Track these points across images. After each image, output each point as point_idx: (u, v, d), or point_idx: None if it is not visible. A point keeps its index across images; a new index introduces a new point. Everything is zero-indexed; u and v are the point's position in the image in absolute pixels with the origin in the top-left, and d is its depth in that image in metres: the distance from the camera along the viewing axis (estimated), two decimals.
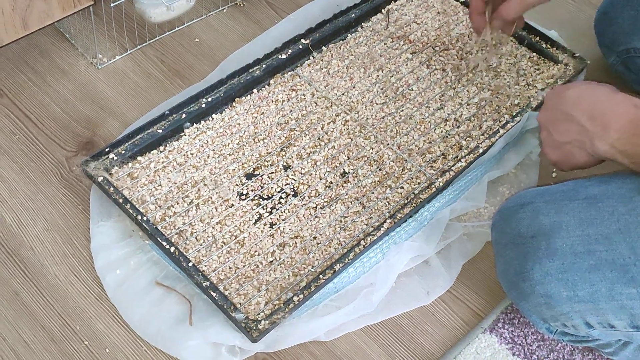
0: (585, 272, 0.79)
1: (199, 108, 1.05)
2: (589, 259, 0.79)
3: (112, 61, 1.17)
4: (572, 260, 0.79)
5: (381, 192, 1.00)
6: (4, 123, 1.08)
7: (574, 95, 0.84)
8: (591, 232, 0.79)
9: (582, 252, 0.79)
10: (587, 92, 0.84)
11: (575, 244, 0.80)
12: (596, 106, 0.82)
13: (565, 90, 0.86)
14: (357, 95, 1.11)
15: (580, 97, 0.84)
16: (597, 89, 0.84)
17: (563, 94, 0.86)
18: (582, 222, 0.80)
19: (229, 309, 0.85)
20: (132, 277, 0.92)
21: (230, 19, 1.26)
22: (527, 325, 0.94)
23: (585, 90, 0.84)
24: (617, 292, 0.78)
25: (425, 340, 0.92)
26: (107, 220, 0.96)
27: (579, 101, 0.83)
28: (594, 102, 0.82)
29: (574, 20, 1.30)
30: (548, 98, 0.89)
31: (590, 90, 0.84)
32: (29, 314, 0.90)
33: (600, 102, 0.81)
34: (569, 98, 0.84)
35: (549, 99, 0.89)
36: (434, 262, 0.96)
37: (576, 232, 0.80)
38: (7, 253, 0.95)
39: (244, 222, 0.96)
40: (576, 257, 0.79)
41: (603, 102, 0.81)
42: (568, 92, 0.85)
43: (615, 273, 0.78)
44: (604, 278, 0.78)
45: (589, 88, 0.84)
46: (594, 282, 0.79)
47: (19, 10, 1.00)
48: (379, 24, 1.21)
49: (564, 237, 0.80)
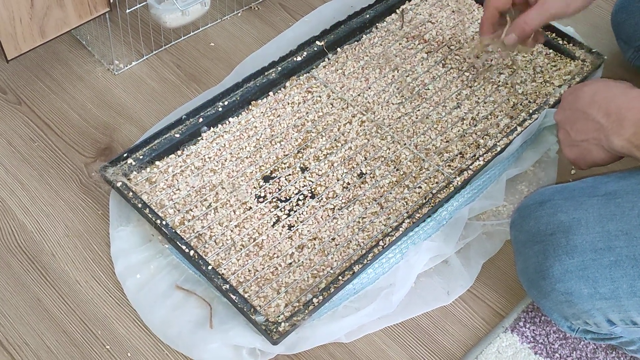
0: (605, 268, 0.78)
1: (215, 112, 1.05)
2: (609, 255, 0.78)
3: (128, 67, 1.18)
4: (592, 257, 0.79)
5: (399, 192, 1.00)
6: (23, 131, 1.09)
7: (589, 93, 0.84)
8: (611, 228, 0.79)
9: (602, 249, 0.79)
10: (603, 89, 0.83)
11: (595, 241, 0.79)
12: (611, 102, 0.81)
13: (581, 88, 0.85)
14: (373, 95, 1.11)
15: (595, 95, 0.83)
16: (612, 86, 0.83)
17: (579, 93, 0.85)
18: (602, 218, 0.79)
19: (249, 311, 0.85)
20: (152, 281, 0.92)
21: (245, 23, 1.26)
22: (549, 324, 0.93)
23: (600, 87, 0.84)
24: (638, 288, 0.78)
25: (446, 341, 0.92)
26: (126, 225, 0.96)
27: (595, 98, 0.83)
28: (609, 99, 0.82)
29: (591, 16, 1.29)
30: (564, 97, 0.89)
31: (606, 87, 0.83)
32: (51, 320, 0.91)
33: (616, 98, 0.81)
34: (584, 96, 0.84)
35: (565, 98, 0.88)
36: (453, 261, 0.96)
37: (596, 229, 0.79)
38: (29, 259, 0.96)
39: (262, 224, 0.96)
40: (596, 254, 0.79)
41: (618, 98, 0.81)
42: (583, 90, 0.85)
43: (636, 269, 0.77)
44: (625, 274, 0.78)
45: (604, 85, 0.84)
46: (615, 278, 0.78)
47: (37, 18, 1.01)
48: (394, 24, 1.21)
49: (583, 233, 0.79)
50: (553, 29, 1.18)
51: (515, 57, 1.14)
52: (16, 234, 0.98)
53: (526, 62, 1.16)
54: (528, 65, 1.15)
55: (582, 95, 0.84)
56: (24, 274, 0.95)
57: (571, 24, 1.24)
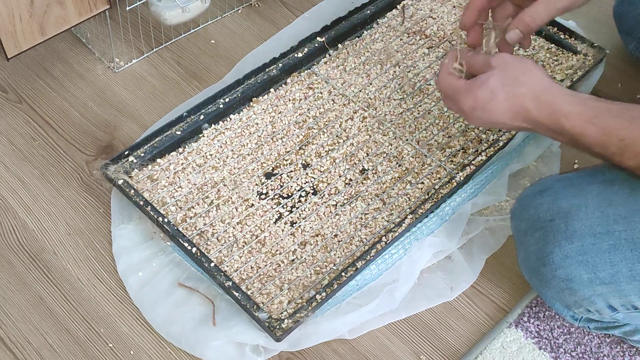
0: (605, 252, 0.79)
1: (216, 109, 1.05)
2: (608, 239, 0.79)
3: (129, 65, 1.17)
4: (591, 241, 0.79)
5: (401, 188, 1.00)
6: (24, 129, 1.09)
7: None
8: (610, 212, 0.79)
9: (601, 233, 0.79)
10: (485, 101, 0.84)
11: (594, 225, 0.79)
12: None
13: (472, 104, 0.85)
14: (374, 91, 1.10)
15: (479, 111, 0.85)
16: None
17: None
18: (601, 204, 0.80)
19: (252, 308, 0.85)
20: (155, 279, 0.92)
21: (245, 20, 1.26)
22: (553, 319, 0.93)
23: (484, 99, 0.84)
24: (638, 272, 0.78)
25: (450, 336, 0.91)
26: (128, 222, 0.96)
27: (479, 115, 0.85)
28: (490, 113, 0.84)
29: (592, 10, 1.29)
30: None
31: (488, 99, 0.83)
32: (54, 318, 0.91)
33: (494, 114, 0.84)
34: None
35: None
36: (456, 257, 0.96)
37: (595, 214, 0.80)
38: (31, 258, 0.96)
39: (264, 221, 0.96)
40: (595, 238, 0.79)
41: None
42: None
43: (635, 253, 0.78)
44: (624, 258, 0.78)
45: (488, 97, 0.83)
46: (615, 262, 0.78)
47: (37, 16, 1.01)
48: (395, 19, 1.21)
49: (582, 218, 0.80)
50: (555, 23, 1.18)
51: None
52: (18, 232, 0.98)
53: (528, 56, 1.15)
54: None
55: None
56: (25, 272, 0.94)
57: (572, 18, 1.23)
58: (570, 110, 0.79)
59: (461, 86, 0.85)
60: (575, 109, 0.79)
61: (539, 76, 0.82)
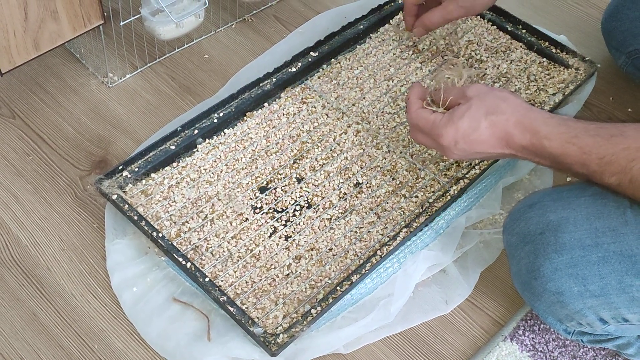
0: (594, 265, 0.79)
1: (210, 123, 1.05)
2: (597, 252, 0.79)
3: (122, 80, 1.17)
4: (580, 253, 0.79)
5: (396, 201, 1.00)
6: (17, 144, 1.09)
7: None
8: (598, 225, 0.80)
9: (590, 245, 0.79)
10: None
11: (583, 238, 0.80)
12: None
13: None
14: (367, 105, 1.11)
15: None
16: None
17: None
18: (589, 216, 0.80)
19: (247, 323, 0.85)
20: (149, 294, 0.91)
21: (239, 35, 1.26)
22: (548, 332, 0.93)
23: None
24: (627, 284, 0.78)
25: (446, 350, 0.91)
26: (122, 237, 0.96)
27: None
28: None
29: (582, 25, 1.30)
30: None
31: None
32: (47, 334, 0.90)
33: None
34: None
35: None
36: (451, 270, 0.96)
37: (584, 226, 0.80)
38: (24, 274, 0.95)
39: (258, 235, 0.96)
40: (584, 251, 0.79)
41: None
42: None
43: (624, 265, 0.78)
44: (613, 270, 0.79)
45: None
46: (604, 274, 0.79)
47: (31, 31, 1.01)
48: (387, 34, 1.21)
49: (571, 231, 0.80)
50: (546, 37, 1.19)
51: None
52: (11, 247, 0.97)
53: (520, 70, 1.16)
54: (522, 73, 1.16)
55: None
56: (19, 288, 0.94)
57: (564, 32, 1.24)
58: (550, 131, 0.81)
59: (438, 119, 0.86)
60: (555, 130, 0.81)
61: (517, 102, 0.85)
